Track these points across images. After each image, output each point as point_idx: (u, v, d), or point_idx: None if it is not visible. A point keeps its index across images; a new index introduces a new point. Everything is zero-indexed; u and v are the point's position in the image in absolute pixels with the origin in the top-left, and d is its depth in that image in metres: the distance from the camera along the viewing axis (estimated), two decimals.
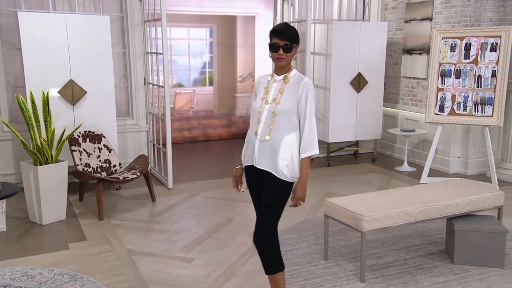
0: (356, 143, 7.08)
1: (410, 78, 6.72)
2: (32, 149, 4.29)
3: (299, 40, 2.70)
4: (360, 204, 3.40)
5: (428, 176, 5.66)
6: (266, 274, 2.78)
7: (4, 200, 4.76)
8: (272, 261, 2.74)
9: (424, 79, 6.43)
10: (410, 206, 3.38)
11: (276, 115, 2.64)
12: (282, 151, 2.63)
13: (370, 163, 6.74)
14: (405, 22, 6.70)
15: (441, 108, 5.60)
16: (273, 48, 2.64)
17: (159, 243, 3.97)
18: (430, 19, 6.29)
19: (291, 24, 3.06)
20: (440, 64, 5.61)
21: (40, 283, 3.22)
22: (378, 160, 6.83)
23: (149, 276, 3.37)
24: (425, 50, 6.38)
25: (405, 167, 6.36)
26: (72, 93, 5.03)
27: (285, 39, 2.61)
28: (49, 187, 4.32)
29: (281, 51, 2.62)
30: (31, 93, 4.52)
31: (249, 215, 4.45)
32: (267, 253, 2.72)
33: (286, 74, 2.70)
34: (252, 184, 2.80)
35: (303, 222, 4.42)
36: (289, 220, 4.43)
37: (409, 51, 6.66)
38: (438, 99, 5.61)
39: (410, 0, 6.63)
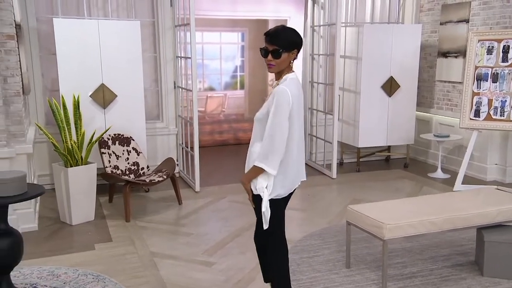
0: (388, 148, 6.91)
1: (445, 82, 6.51)
2: (62, 151, 4.42)
3: (297, 46, 2.46)
4: (383, 211, 3.31)
5: (462, 184, 5.45)
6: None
7: (38, 200, 4.94)
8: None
9: (460, 83, 6.21)
10: (435, 214, 3.26)
11: (255, 122, 2.57)
12: (251, 160, 2.55)
13: (402, 169, 6.57)
14: (441, 24, 6.50)
15: (477, 113, 5.39)
16: (262, 53, 2.46)
17: (182, 246, 4.00)
18: (467, 21, 6.08)
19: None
20: (476, 67, 5.40)
21: (64, 283, 3.31)
22: (410, 166, 6.64)
23: (169, 279, 3.40)
24: (461, 53, 6.16)
25: (439, 174, 6.15)
26: (103, 96, 5.15)
27: (274, 44, 2.40)
28: (79, 188, 4.44)
29: (270, 57, 2.42)
30: (62, 97, 4.68)
31: None
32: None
33: (277, 81, 2.51)
34: None
35: (328, 228, 4.35)
36: (313, 226, 4.38)
37: (445, 54, 6.45)
38: (474, 103, 5.41)
39: (446, 2, 6.43)
